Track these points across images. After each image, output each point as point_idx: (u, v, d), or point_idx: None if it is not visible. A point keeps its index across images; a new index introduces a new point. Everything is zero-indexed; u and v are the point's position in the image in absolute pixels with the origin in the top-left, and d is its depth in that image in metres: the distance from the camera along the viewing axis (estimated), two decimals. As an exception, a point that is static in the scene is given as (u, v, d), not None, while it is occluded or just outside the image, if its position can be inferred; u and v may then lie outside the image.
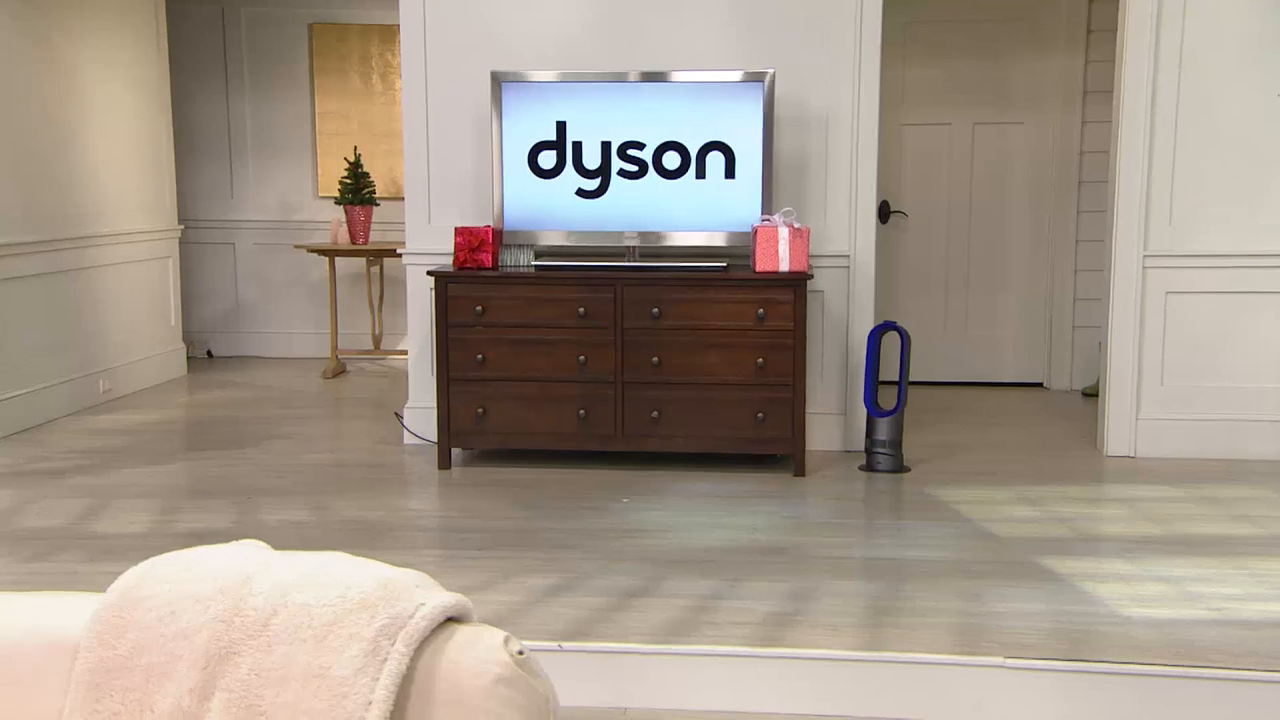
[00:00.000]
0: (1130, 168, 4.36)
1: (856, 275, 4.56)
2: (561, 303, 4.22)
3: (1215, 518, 3.63)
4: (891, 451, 4.29)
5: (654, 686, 2.64)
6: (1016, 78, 5.94)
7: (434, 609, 1.27)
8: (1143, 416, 4.46)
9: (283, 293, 7.19)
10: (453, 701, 1.23)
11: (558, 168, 4.34)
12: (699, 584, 3.05)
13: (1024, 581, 3.05)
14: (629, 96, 4.29)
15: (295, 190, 7.12)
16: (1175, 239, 4.37)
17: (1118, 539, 3.43)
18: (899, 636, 2.70)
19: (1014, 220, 6.04)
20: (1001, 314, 6.10)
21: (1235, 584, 3.01)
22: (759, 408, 4.19)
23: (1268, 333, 4.35)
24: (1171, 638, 2.66)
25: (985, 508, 3.76)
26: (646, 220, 4.35)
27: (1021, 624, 2.76)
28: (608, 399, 4.25)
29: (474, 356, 4.25)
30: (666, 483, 4.10)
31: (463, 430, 4.31)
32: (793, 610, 2.86)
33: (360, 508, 3.78)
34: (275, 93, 7.02)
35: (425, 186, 4.65)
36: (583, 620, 2.80)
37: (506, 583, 3.06)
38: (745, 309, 4.17)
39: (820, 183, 4.53)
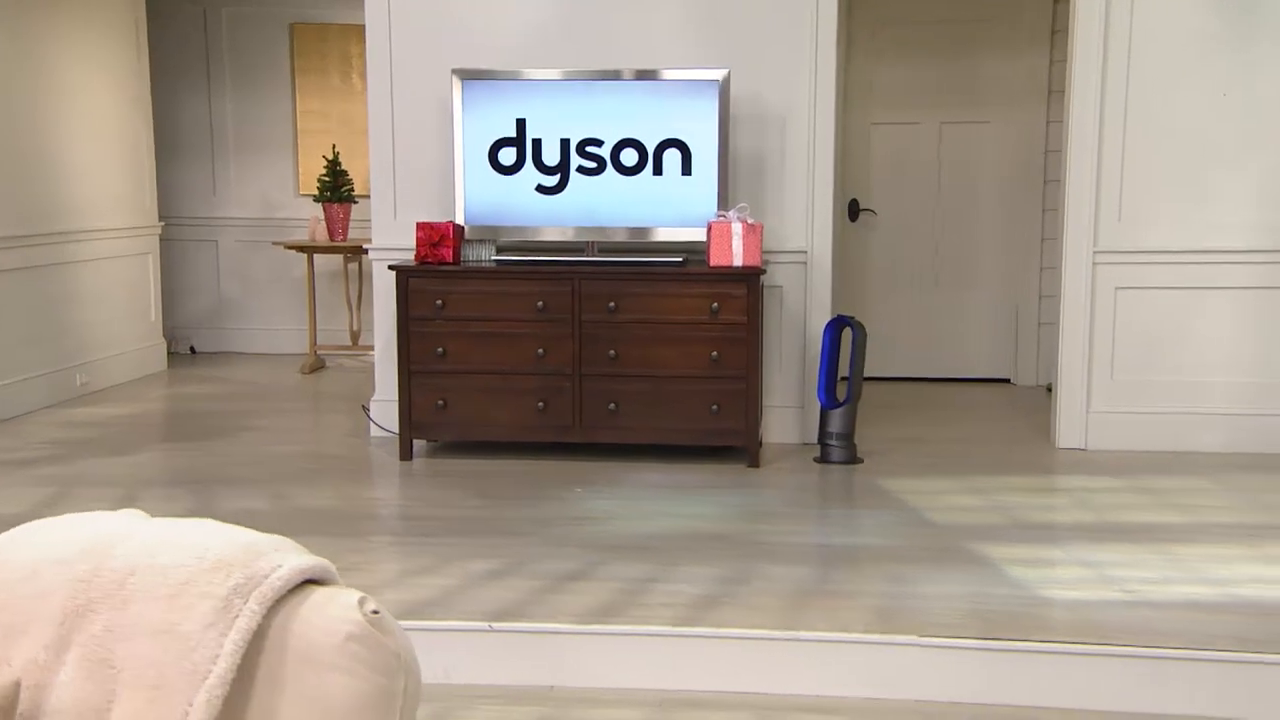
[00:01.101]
0: (1080, 165, 4.43)
1: (814, 271, 4.64)
2: (521, 296, 4.31)
3: (1149, 506, 3.71)
4: (844, 443, 4.37)
5: (580, 665, 2.73)
6: (984, 77, 6.02)
7: (290, 570, 1.35)
8: (1093, 410, 4.53)
9: (265, 290, 7.30)
10: (304, 657, 1.31)
11: (518, 164, 4.43)
12: (635, 568, 3.13)
13: (951, 566, 3.13)
14: (587, 94, 4.38)
15: (277, 188, 7.22)
16: (1124, 235, 4.45)
17: (1050, 526, 3.51)
18: (821, 617, 2.78)
19: (981, 218, 6.11)
20: (969, 311, 6.18)
21: (1153, 568, 3.09)
22: (713, 400, 4.27)
23: (1214, 327, 4.43)
24: (1081, 618, 2.74)
25: (929, 497, 3.84)
26: (605, 216, 4.44)
27: (942, 605, 2.84)
28: (566, 391, 4.34)
29: (435, 349, 4.34)
30: (622, 473, 4.19)
31: (424, 422, 4.40)
32: (721, 593, 2.95)
33: (317, 497, 3.87)
34: (257, 92, 7.13)
35: (391, 183, 4.74)
36: (516, 602, 2.89)
37: (447, 567, 3.15)
38: (700, 303, 4.25)
39: (778, 180, 4.62)
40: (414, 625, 2.76)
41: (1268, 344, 4.40)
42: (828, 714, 2.58)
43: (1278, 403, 4.40)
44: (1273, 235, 4.35)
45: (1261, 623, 2.71)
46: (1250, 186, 4.35)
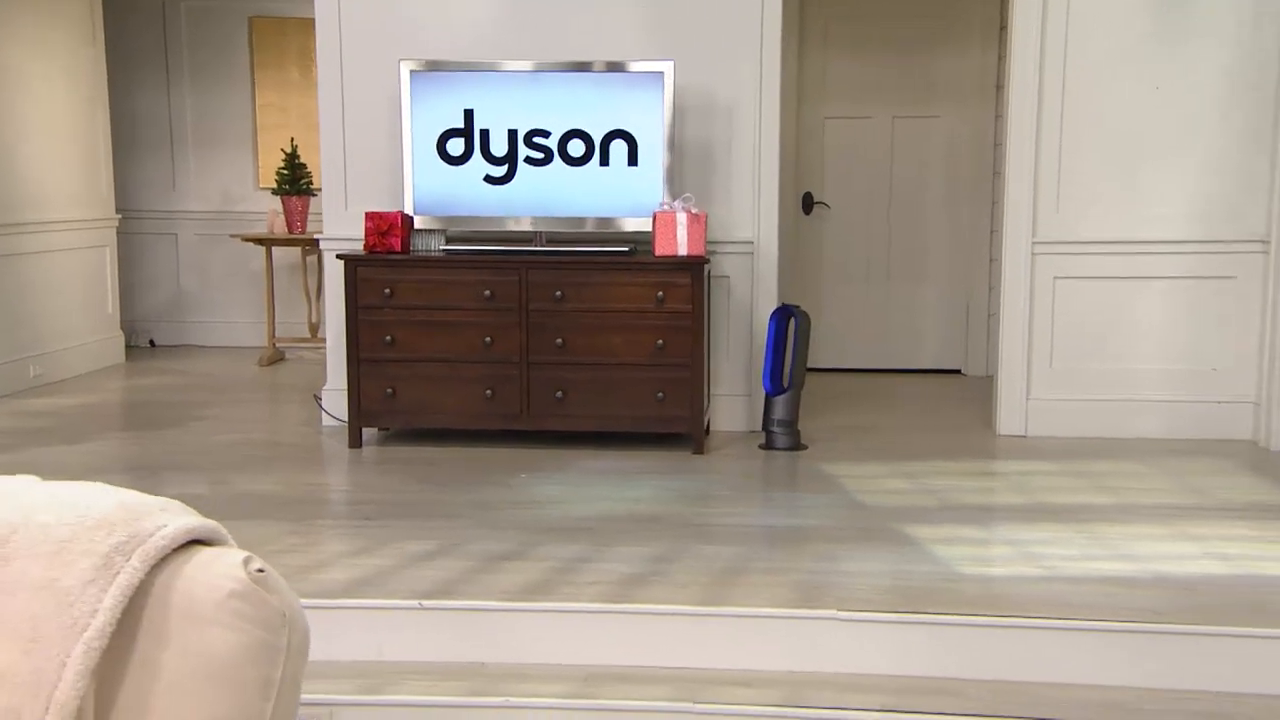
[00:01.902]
0: (1019, 158, 4.52)
1: (760, 261, 4.71)
2: (468, 285, 4.36)
3: (1079, 489, 3.80)
4: (788, 430, 4.44)
5: (509, 642, 2.78)
6: (935, 72, 6.10)
7: (175, 530, 1.39)
8: (1033, 397, 4.62)
9: (224, 283, 7.31)
10: (187, 614, 1.36)
11: (466, 155, 4.48)
12: (569, 549, 3.19)
13: (877, 545, 3.20)
14: (534, 86, 4.43)
15: (236, 181, 7.23)
16: (1062, 226, 4.53)
17: (979, 508, 3.59)
18: (745, 593, 2.85)
19: (932, 211, 6.20)
20: (921, 303, 6.27)
21: (1074, 546, 3.17)
22: (659, 387, 4.33)
23: (1149, 316, 4.52)
24: (997, 592, 2.82)
25: (865, 481, 3.91)
26: (552, 206, 4.49)
27: (864, 582, 2.91)
28: (513, 379, 4.39)
29: (383, 338, 4.38)
30: (569, 460, 4.24)
31: (372, 410, 4.44)
32: (651, 571, 3.01)
33: (261, 483, 3.91)
34: (216, 86, 7.13)
35: (341, 174, 4.78)
36: (449, 581, 2.94)
37: (383, 548, 3.19)
38: (645, 292, 4.31)
39: (725, 170, 4.68)
40: (347, 604, 2.82)
41: (1201, 332, 4.50)
42: (749, 686, 2.65)
43: (1211, 389, 4.51)
44: (1205, 226, 4.45)
45: (1172, 596, 2.79)
46: (1183, 179, 4.45)
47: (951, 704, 2.53)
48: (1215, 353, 4.49)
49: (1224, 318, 4.47)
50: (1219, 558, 3.07)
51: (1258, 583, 2.88)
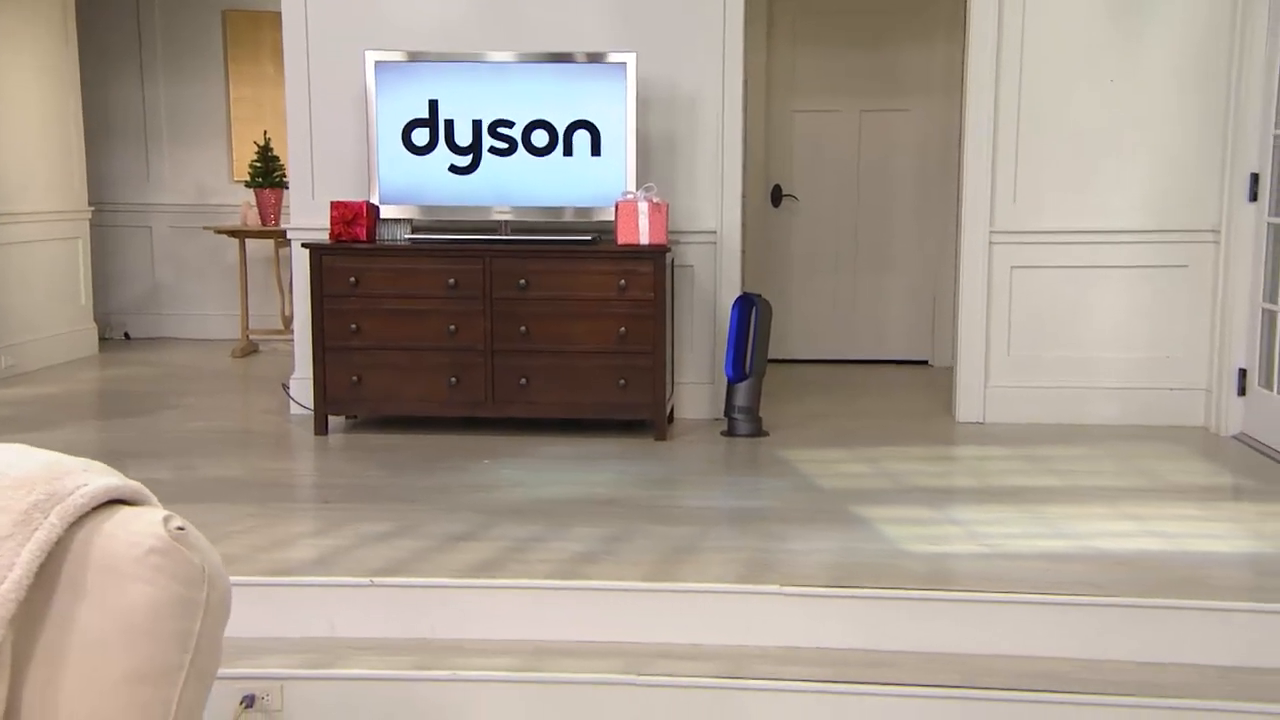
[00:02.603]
0: (976, 149, 4.58)
1: (724, 251, 4.77)
2: (433, 274, 4.40)
3: (1030, 472, 3.86)
4: (749, 416, 4.50)
5: (458, 617, 2.83)
6: (902, 67, 6.17)
7: (95, 489, 1.44)
8: (991, 385, 4.69)
9: (199, 275, 7.34)
10: (106, 568, 1.40)
11: (431, 145, 4.52)
12: (523, 529, 3.24)
13: (827, 525, 3.26)
14: (498, 76, 4.48)
15: (211, 175, 7.26)
16: (1019, 216, 4.60)
17: (931, 490, 3.65)
18: (692, 570, 2.90)
19: (899, 204, 6.27)
20: (888, 294, 6.34)
21: (1018, 525, 3.24)
22: (621, 374, 4.39)
23: (1104, 305, 4.59)
24: (937, 568, 2.88)
25: (823, 465, 3.97)
26: (516, 195, 4.54)
27: (810, 559, 2.97)
28: (478, 366, 4.44)
29: (348, 326, 4.43)
30: (532, 446, 4.29)
31: (338, 398, 4.48)
32: (602, 550, 3.06)
33: (225, 468, 3.95)
34: (190, 79, 7.16)
35: (309, 164, 4.82)
36: (402, 560, 2.99)
37: (338, 529, 3.24)
38: (607, 280, 4.36)
39: (689, 162, 4.73)
40: (300, 581, 2.86)
41: (1154, 321, 4.57)
42: (694, 660, 2.70)
43: (1164, 377, 4.58)
44: (1158, 216, 4.52)
45: (1108, 570, 2.86)
46: (1137, 170, 4.52)
47: (887, 674, 2.59)
48: (1168, 341, 4.57)
49: (1177, 306, 4.55)
50: (1159, 535, 3.14)
51: (1194, 558, 2.95)
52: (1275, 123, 4.13)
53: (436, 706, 2.64)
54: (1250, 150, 4.24)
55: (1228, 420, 4.39)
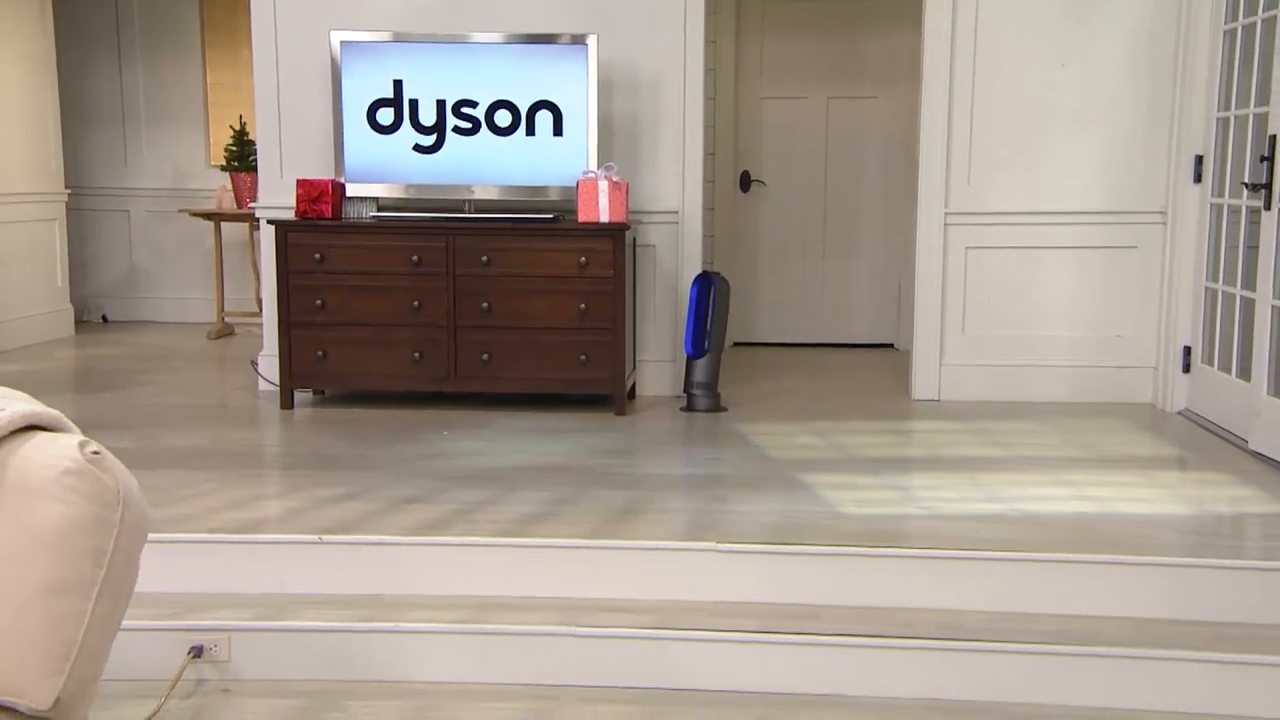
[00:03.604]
0: (932, 132, 4.67)
1: (685, 231, 4.85)
2: (397, 251, 4.48)
3: (975, 445, 3.96)
4: (708, 392, 4.59)
5: (406, 575, 2.91)
6: (869, 54, 6.27)
7: (13, 415, 1.53)
8: (946, 363, 4.78)
9: (176, 259, 7.41)
10: (21, 488, 1.49)
11: (395, 124, 4.60)
12: (474, 494, 3.32)
13: (772, 489, 3.35)
14: (462, 57, 4.56)
15: (188, 159, 7.33)
16: (973, 198, 4.70)
17: (876, 459, 3.74)
18: (634, 530, 2.99)
19: (866, 189, 6.37)
20: (855, 279, 6.43)
21: (954, 490, 3.33)
22: (582, 350, 4.47)
23: (1052, 284, 4.69)
24: (872, 528, 2.97)
25: (775, 438, 4.06)
26: (480, 174, 4.62)
27: (749, 520, 3.06)
28: (441, 342, 4.52)
29: (313, 302, 4.50)
30: (494, 420, 4.38)
31: (304, 372, 4.56)
32: (548, 511, 3.15)
33: (188, 439, 4.02)
34: (167, 63, 7.23)
35: (277, 143, 4.89)
36: (353, 520, 3.07)
37: (294, 493, 3.32)
38: (568, 257, 4.45)
39: (652, 144, 4.82)
40: (250, 539, 2.94)
41: (1104, 300, 4.67)
42: (631, 613, 2.79)
43: (1114, 355, 4.68)
44: (1108, 197, 4.62)
45: (1033, 530, 2.95)
46: (1088, 152, 4.62)
47: (811, 625, 2.68)
48: (1117, 320, 4.67)
49: (1126, 286, 4.64)
50: (1089, 500, 3.24)
51: (1118, 520, 3.05)
52: (1218, 105, 4.23)
53: (381, 658, 2.73)
54: (1195, 133, 4.34)
55: (1173, 397, 4.49)
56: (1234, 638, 2.62)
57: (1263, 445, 3.71)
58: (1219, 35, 4.22)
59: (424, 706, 2.60)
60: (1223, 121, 4.18)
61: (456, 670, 2.72)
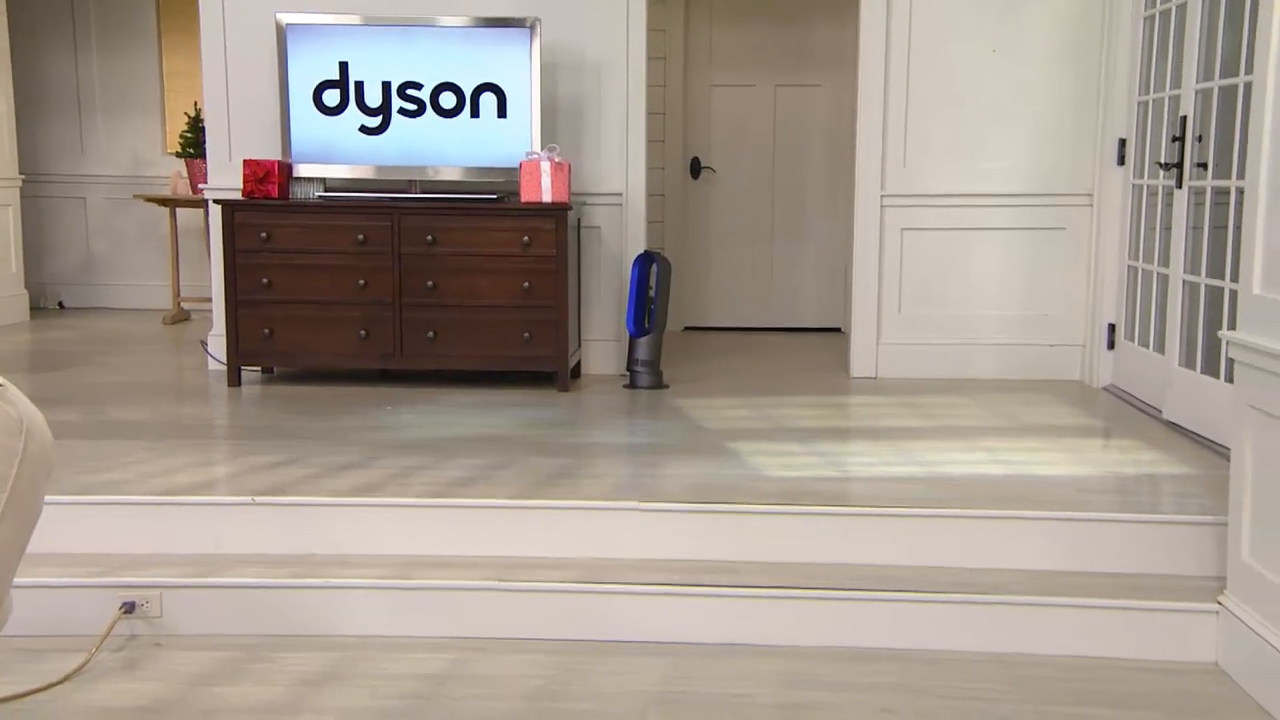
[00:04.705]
0: (869, 116, 4.80)
1: (629, 212, 4.95)
2: (342, 230, 4.56)
3: (903, 416, 4.08)
4: (650, 369, 4.69)
5: (338, 535, 2.99)
6: (815, 43, 6.39)
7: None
8: (883, 342, 4.91)
9: (134, 246, 7.43)
10: (-75, 418, 1.56)
11: (341, 106, 4.67)
12: (409, 460, 3.41)
13: (700, 455, 3.45)
14: (406, 39, 4.63)
15: (145, 146, 7.36)
16: (909, 180, 4.83)
17: (806, 430, 3.85)
18: (561, 491, 3.08)
19: (813, 176, 6.49)
20: (802, 264, 6.56)
21: (877, 455, 3.45)
22: (526, 328, 4.56)
23: (985, 265, 4.83)
24: (790, 489, 3.08)
25: (711, 411, 4.17)
26: (425, 156, 4.70)
27: (675, 483, 3.16)
28: (387, 320, 4.59)
29: (260, 280, 4.57)
30: (438, 396, 4.46)
31: (251, 350, 4.62)
32: (480, 475, 3.24)
33: (133, 413, 4.08)
34: (123, 52, 7.25)
35: (225, 125, 4.95)
36: (286, 483, 3.15)
37: (232, 460, 3.39)
38: (512, 236, 4.54)
39: (596, 126, 4.92)
40: (183, 500, 3.01)
41: (1034, 280, 4.81)
42: (558, 569, 2.88)
43: (1043, 333, 4.82)
44: (1037, 180, 4.76)
45: (945, 490, 3.07)
46: (1018, 136, 4.76)
47: (728, 579, 2.79)
48: (1047, 299, 4.81)
49: (1054, 267, 4.79)
50: (1001, 463, 3.37)
51: (1028, 480, 3.17)
52: (1139, 90, 4.37)
53: (312, 613, 2.81)
54: (1118, 117, 4.49)
55: (1099, 373, 4.64)
56: (1126, 586, 2.74)
57: (1174, 414, 3.86)
58: (1139, 21, 4.37)
59: (353, 657, 2.68)
60: (1143, 105, 4.33)
61: (386, 624, 2.80)
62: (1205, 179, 3.71)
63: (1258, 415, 2.48)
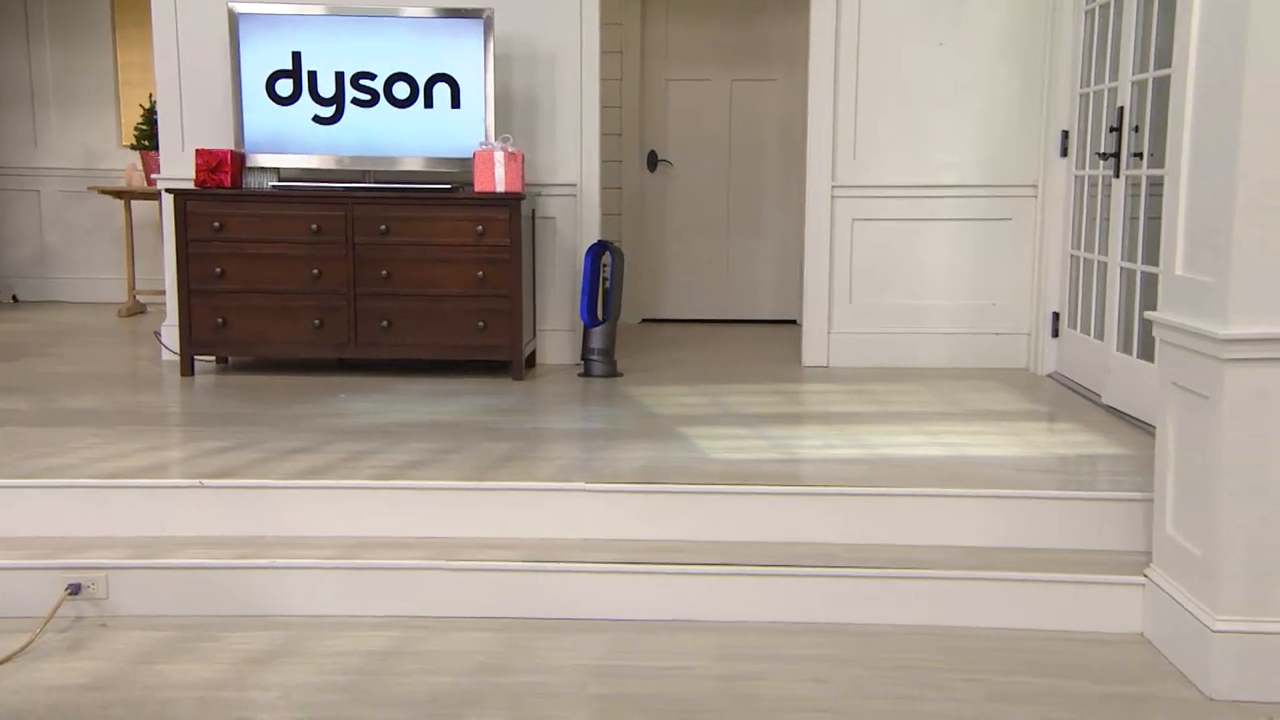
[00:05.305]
0: (820, 109, 4.87)
1: (584, 203, 4.99)
2: (296, 220, 4.56)
3: (851, 402, 4.15)
4: (604, 358, 4.74)
5: (286, 517, 3.01)
6: (770, 38, 6.46)
7: None
8: (834, 331, 4.98)
9: (88, 239, 7.37)
10: None
11: (294, 95, 4.68)
12: (360, 445, 3.43)
13: (649, 440, 3.50)
14: (360, 30, 4.65)
15: (100, 140, 7.30)
16: (859, 172, 4.90)
17: (754, 415, 3.91)
18: (510, 474, 3.12)
19: (768, 170, 6.56)
20: (759, 257, 6.63)
21: (821, 439, 3.51)
22: (480, 317, 4.59)
23: (934, 255, 4.92)
24: (735, 470, 3.13)
25: (664, 399, 4.22)
26: (379, 146, 4.72)
27: (623, 465, 3.20)
28: (341, 309, 4.61)
29: (213, 270, 4.57)
30: (393, 384, 4.48)
31: (204, 339, 4.62)
32: (430, 459, 3.26)
33: (83, 401, 4.07)
34: (77, 43, 7.19)
35: (178, 115, 4.94)
36: (235, 466, 3.16)
37: (181, 446, 3.40)
38: (466, 226, 4.56)
39: (550, 118, 4.95)
40: (130, 483, 3.02)
41: (982, 270, 4.90)
42: (506, 549, 2.92)
43: (991, 322, 4.91)
44: (984, 172, 4.85)
45: (885, 470, 3.13)
46: (965, 129, 4.84)
47: (673, 558, 2.84)
48: (995, 289, 4.90)
49: (1002, 256, 4.88)
50: (942, 445, 3.44)
51: (967, 461, 3.25)
52: (1080, 82, 4.47)
53: (258, 593, 2.83)
54: (1062, 109, 4.58)
55: (1044, 360, 4.74)
56: (1058, 561, 2.82)
57: (1113, 399, 3.95)
58: (1080, 15, 4.46)
59: (298, 636, 2.70)
60: (1084, 97, 4.43)
61: (332, 604, 2.83)
62: (1141, 168, 3.80)
63: (1179, 392, 2.56)
